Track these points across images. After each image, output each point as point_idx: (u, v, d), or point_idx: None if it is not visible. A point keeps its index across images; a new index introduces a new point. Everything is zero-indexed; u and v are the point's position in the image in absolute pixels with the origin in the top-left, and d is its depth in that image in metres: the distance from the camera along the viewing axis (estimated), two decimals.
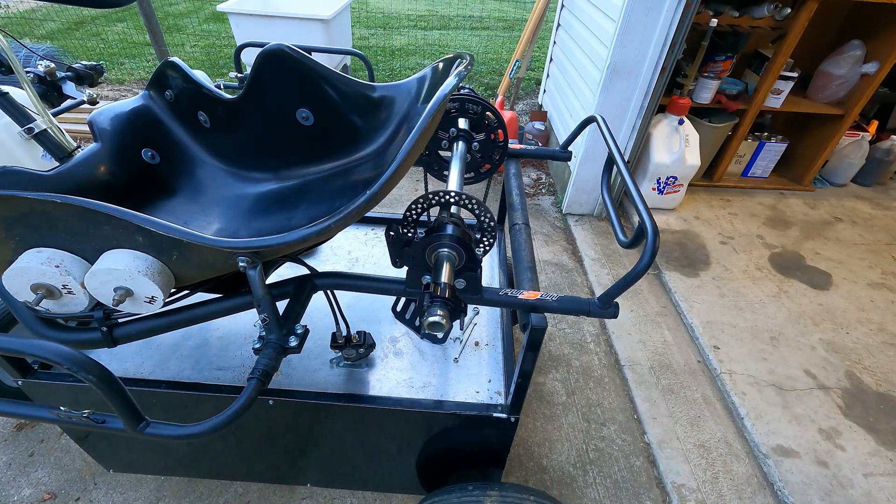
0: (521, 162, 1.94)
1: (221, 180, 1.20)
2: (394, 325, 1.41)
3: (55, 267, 0.79)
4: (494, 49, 5.88)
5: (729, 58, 2.83)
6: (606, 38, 2.48)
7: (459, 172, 1.14)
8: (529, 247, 1.10)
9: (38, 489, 1.59)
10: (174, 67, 1.13)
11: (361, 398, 1.18)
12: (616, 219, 0.98)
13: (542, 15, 3.49)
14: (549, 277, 2.62)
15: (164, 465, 1.54)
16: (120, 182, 1.03)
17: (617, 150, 1.00)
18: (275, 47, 1.05)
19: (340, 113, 1.13)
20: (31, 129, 1.00)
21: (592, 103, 2.63)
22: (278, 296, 0.99)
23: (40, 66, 1.17)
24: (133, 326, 0.95)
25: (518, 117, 3.97)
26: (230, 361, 1.28)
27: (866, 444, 1.79)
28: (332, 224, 0.75)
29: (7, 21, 5.83)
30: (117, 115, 1.06)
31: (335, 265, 1.61)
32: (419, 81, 1.10)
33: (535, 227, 2.99)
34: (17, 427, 1.76)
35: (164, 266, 0.81)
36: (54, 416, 0.85)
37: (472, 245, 0.87)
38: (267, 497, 1.60)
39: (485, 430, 1.20)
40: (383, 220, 1.81)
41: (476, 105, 1.28)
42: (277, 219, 1.07)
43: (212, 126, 1.18)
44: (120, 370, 1.25)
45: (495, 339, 1.39)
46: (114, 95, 4.42)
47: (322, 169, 1.18)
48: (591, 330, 2.30)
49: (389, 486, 1.54)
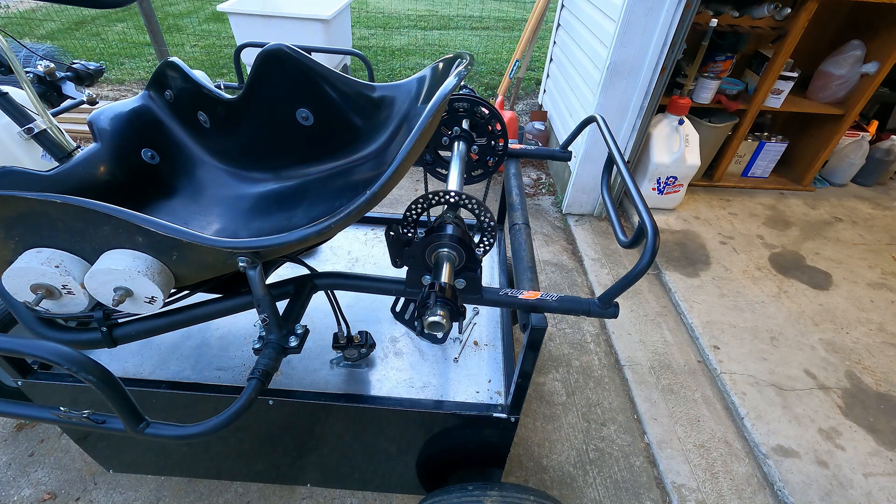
0: (521, 162, 1.94)
1: (221, 180, 1.20)
2: (394, 325, 1.41)
3: (55, 267, 0.79)
4: (494, 49, 5.88)
5: (729, 58, 2.82)
6: (606, 37, 2.48)
7: (459, 172, 1.14)
8: (529, 247, 1.10)
9: (38, 489, 1.59)
10: (174, 67, 1.13)
11: (361, 398, 1.18)
12: (616, 219, 0.98)
13: (542, 15, 3.49)
14: (549, 277, 2.62)
15: (164, 466, 1.54)
16: (120, 182, 1.03)
17: (617, 150, 1.00)
18: (275, 47, 1.05)
19: (340, 113, 1.13)
20: (30, 129, 1.00)
21: (592, 103, 2.63)
22: (278, 296, 0.99)
23: (40, 66, 1.17)
24: (133, 326, 0.95)
25: (518, 117, 3.97)
26: (230, 361, 1.28)
27: (866, 444, 1.79)
28: (332, 224, 0.74)
29: (7, 21, 5.83)
30: (117, 115, 1.06)
31: (335, 265, 1.61)
32: (419, 81, 1.10)
33: (535, 227, 2.99)
34: (17, 427, 1.75)
35: (163, 266, 0.81)
36: (54, 417, 0.84)
37: (472, 245, 0.87)
38: (267, 497, 1.60)
39: (485, 430, 1.20)
40: (383, 220, 1.81)
41: (476, 105, 1.28)
42: (277, 219, 1.07)
43: (212, 126, 1.18)
44: (120, 370, 1.25)
45: (495, 339, 1.39)
46: (114, 95, 4.42)
47: (322, 169, 1.18)
48: (591, 330, 2.30)
49: (389, 486, 1.54)
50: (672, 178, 2.88)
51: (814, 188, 3.37)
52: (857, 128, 3.26)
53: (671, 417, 1.90)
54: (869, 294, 2.48)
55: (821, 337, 2.22)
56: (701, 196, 3.22)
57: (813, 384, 2.00)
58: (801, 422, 1.85)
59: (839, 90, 2.94)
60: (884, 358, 2.13)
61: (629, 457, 1.80)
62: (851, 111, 2.92)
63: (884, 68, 2.74)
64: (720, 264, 2.63)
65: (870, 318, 2.34)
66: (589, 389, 2.03)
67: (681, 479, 1.70)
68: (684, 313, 2.33)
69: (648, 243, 0.75)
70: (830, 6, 2.71)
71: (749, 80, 3.00)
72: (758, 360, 2.09)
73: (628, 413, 1.95)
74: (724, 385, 1.99)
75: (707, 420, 1.90)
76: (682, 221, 2.97)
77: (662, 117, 2.83)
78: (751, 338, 2.20)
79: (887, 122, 3.52)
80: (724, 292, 2.44)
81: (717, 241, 2.81)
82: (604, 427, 1.89)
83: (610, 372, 2.11)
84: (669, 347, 2.20)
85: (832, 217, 3.10)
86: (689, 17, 2.25)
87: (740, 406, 1.90)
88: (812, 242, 2.85)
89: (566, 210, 3.08)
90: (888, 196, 3.38)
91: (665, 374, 2.07)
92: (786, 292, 2.47)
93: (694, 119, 2.98)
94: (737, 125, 3.04)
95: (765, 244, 2.81)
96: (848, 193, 3.37)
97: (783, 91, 2.92)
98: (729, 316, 2.31)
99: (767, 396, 1.94)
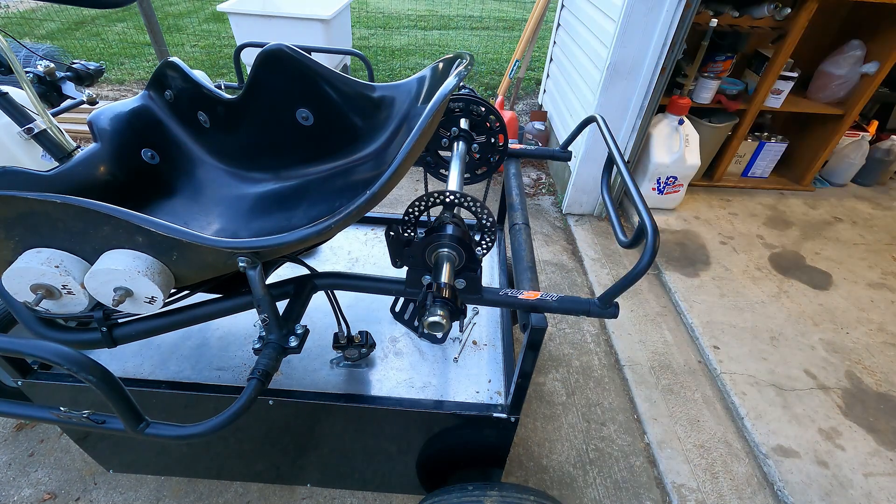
0: (521, 162, 1.94)
1: (221, 180, 1.20)
2: (394, 325, 1.41)
3: (55, 267, 0.79)
4: (494, 49, 5.88)
5: (729, 58, 2.82)
6: (606, 38, 2.48)
7: (459, 172, 1.14)
8: (529, 247, 1.10)
9: (38, 489, 1.59)
10: (174, 67, 1.13)
11: (361, 398, 1.18)
12: (616, 219, 0.98)
13: (542, 15, 3.49)
14: (549, 277, 2.62)
15: (164, 466, 1.54)
16: (120, 182, 1.03)
17: (617, 150, 1.00)
18: (275, 47, 1.05)
19: (340, 113, 1.13)
20: (30, 129, 1.00)
21: (592, 103, 2.63)
22: (278, 296, 0.99)
23: (40, 66, 1.17)
24: (133, 327, 0.95)
25: (518, 117, 3.97)
26: (230, 361, 1.28)
27: (866, 444, 1.79)
28: (332, 224, 0.74)
29: (7, 21, 5.83)
30: (117, 115, 1.06)
31: (335, 265, 1.61)
32: (419, 81, 1.10)
33: (535, 227, 2.99)
34: (17, 427, 1.75)
35: (163, 266, 0.81)
36: (54, 417, 0.84)
37: (472, 245, 0.87)
38: (267, 497, 1.60)
39: (485, 430, 1.20)
40: (383, 220, 1.81)
41: (476, 105, 1.28)
42: (277, 219, 1.07)
43: (212, 126, 1.18)
44: (120, 370, 1.25)
45: (495, 339, 1.39)
46: (114, 95, 4.42)
47: (322, 169, 1.18)
48: (591, 330, 2.30)
49: (389, 486, 1.54)
50: (672, 178, 2.88)
51: (814, 188, 3.37)
52: (857, 128, 3.26)
53: (671, 417, 1.90)
54: (869, 294, 2.48)
55: (821, 337, 2.22)
56: (701, 196, 3.22)
57: (813, 384, 2.00)
58: (801, 422, 1.85)
59: (839, 90, 2.93)
60: (884, 358, 2.13)
61: (629, 457, 1.80)
62: (851, 111, 2.92)
63: (884, 68, 2.74)
64: (720, 264, 2.64)
65: (870, 318, 2.34)
66: (589, 389, 2.03)
67: (681, 479, 1.70)
68: (684, 313, 2.33)
69: (648, 243, 0.75)
70: (830, 6, 2.71)
71: (749, 80, 3.00)
72: (758, 360, 2.09)
73: (628, 413, 1.95)
74: (724, 385, 1.99)
75: (707, 420, 1.90)
76: (682, 221, 2.97)
77: (662, 117, 2.83)
78: (751, 338, 2.20)
79: (887, 122, 3.52)
80: (724, 292, 2.44)
81: (717, 241, 2.81)
82: (604, 427, 1.89)
83: (610, 372, 2.11)
84: (669, 347, 2.20)
85: (832, 217, 3.10)
86: (689, 17, 2.25)
87: (740, 406, 1.90)
88: (812, 242, 2.85)
89: (566, 210, 3.08)
90: (888, 196, 3.38)
91: (665, 374, 2.07)
92: (786, 292, 2.47)
93: (694, 119, 2.98)
94: (737, 125, 3.04)
95: (765, 244, 2.81)
96: (848, 193, 3.37)
97: (783, 91, 2.92)
98: (729, 316, 2.31)
99: (767, 396, 1.94)
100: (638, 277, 0.78)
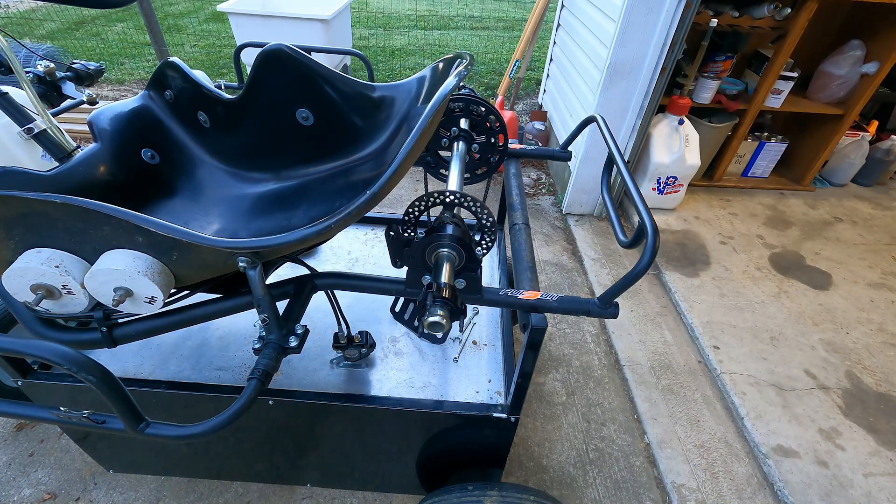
0: (521, 162, 1.94)
1: (221, 180, 1.20)
2: (394, 325, 1.41)
3: (55, 267, 0.79)
4: (494, 49, 5.88)
5: (729, 58, 2.82)
6: (606, 38, 2.48)
7: (459, 172, 1.14)
8: (529, 247, 1.10)
9: (38, 489, 1.59)
10: (174, 67, 1.13)
11: (361, 398, 1.18)
12: (616, 219, 0.98)
13: (542, 15, 3.49)
14: (549, 277, 2.62)
15: (164, 466, 1.54)
16: (120, 182, 1.03)
17: (617, 150, 1.00)
18: (275, 47, 1.05)
19: (340, 113, 1.13)
20: (30, 129, 1.00)
21: (592, 103, 2.63)
22: (278, 296, 0.99)
23: (40, 66, 1.17)
24: (133, 327, 0.95)
25: (518, 117, 3.97)
26: (230, 361, 1.28)
27: (866, 444, 1.79)
28: (332, 224, 0.74)
29: (7, 21, 5.83)
30: (117, 115, 1.06)
31: (335, 265, 1.61)
32: (419, 81, 1.10)
33: (535, 227, 2.99)
34: (17, 427, 1.75)
35: (164, 266, 0.81)
36: (54, 417, 0.84)
37: (473, 245, 0.87)
38: (267, 497, 1.60)
39: (485, 430, 1.20)
40: (383, 220, 1.81)
41: (476, 105, 1.28)
42: (277, 219, 1.07)
43: (212, 126, 1.18)
44: (120, 370, 1.25)
45: (495, 338, 1.39)
46: (114, 95, 4.42)
47: (322, 169, 1.18)
48: (591, 330, 2.30)
49: (389, 486, 1.54)
50: (672, 178, 2.88)
51: (814, 188, 3.37)
52: (857, 128, 3.26)
53: (671, 417, 1.90)
54: (869, 294, 2.48)
55: (821, 337, 2.22)
56: (701, 196, 3.22)
57: (813, 384, 2.00)
58: (801, 422, 1.85)
59: (839, 90, 2.93)
60: (884, 358, 2.13)
61: (629, 457, 1.80)
62: (851, 111, 2.92)
63: (884, 68, 2.74)
64: (720, 264, 2.63)
65: (870, 318, 2.34)
66: (589, 389, 2.03)
67: (681, 479, 1.70)
68: (684, 313, 2.33)
69: (648, 243, 0.75)
70: (830, 6, 2.71)
71: (749, 80, 3.00)
72: (758, 360, 2.09)
73: (628, 413, 1.95)
74: (724, 385, 1.99)
75: (707, 420, 1.90)
76: (682, 221, 2.97)
77: (662, 117, 2.83)
78: (751, 338, 2.20)
79: (887, 122, 3.52)
80: (724, 292, 2.44)
81: (717, 241, 2.81)
82: (604, 427, 1.89)
83: (610, 372, 2.11)
84: (669, 347, 2.20)
85: (832, 217, 3.10)
86: (689, 17, 2.25)
87: (740, 406, 1.90)
88: (812, 242, 2.85)
89: (566, 210, 3.08)
90: (888, 196, 3.38)
91: (665, 374, 2.07)
92: (786, 292, 2.47)
93: (694, 119, 2.98)
94: (737, 125, 3.04)
95: (765, 244, 2.81)
96: (848, 193, 3.37)
97: (783, 91, 2.92)
98: (729, 316, 2.31)
99: (767, 396, 1.94)
100: (638, 277, 0.78)
